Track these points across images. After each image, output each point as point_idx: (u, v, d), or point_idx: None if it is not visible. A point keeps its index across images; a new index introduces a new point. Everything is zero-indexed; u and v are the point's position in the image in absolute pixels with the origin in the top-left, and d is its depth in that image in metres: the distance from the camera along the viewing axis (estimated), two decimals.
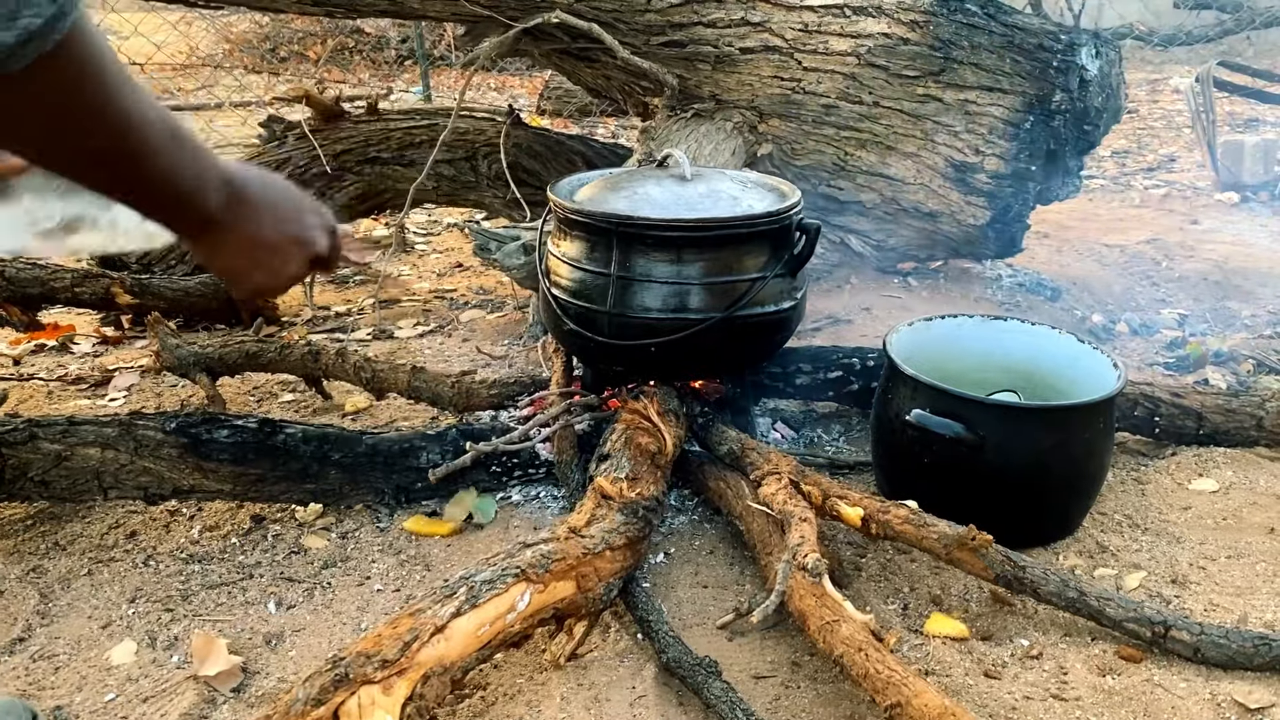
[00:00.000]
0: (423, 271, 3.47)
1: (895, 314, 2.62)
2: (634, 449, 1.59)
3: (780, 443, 2.00)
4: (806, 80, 2.55)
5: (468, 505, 1.74)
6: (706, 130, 2.53)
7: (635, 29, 2.42)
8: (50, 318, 2.70)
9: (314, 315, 2.90)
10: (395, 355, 2.50)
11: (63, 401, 2.31)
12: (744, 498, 1.60)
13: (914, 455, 1.60)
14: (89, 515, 1.77)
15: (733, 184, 1.83)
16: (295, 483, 1.71)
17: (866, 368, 2.00)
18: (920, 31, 2.53)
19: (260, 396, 2.29)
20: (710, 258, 1.69)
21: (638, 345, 1.72)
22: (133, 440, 1.66)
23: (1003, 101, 2.61)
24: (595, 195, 1.81)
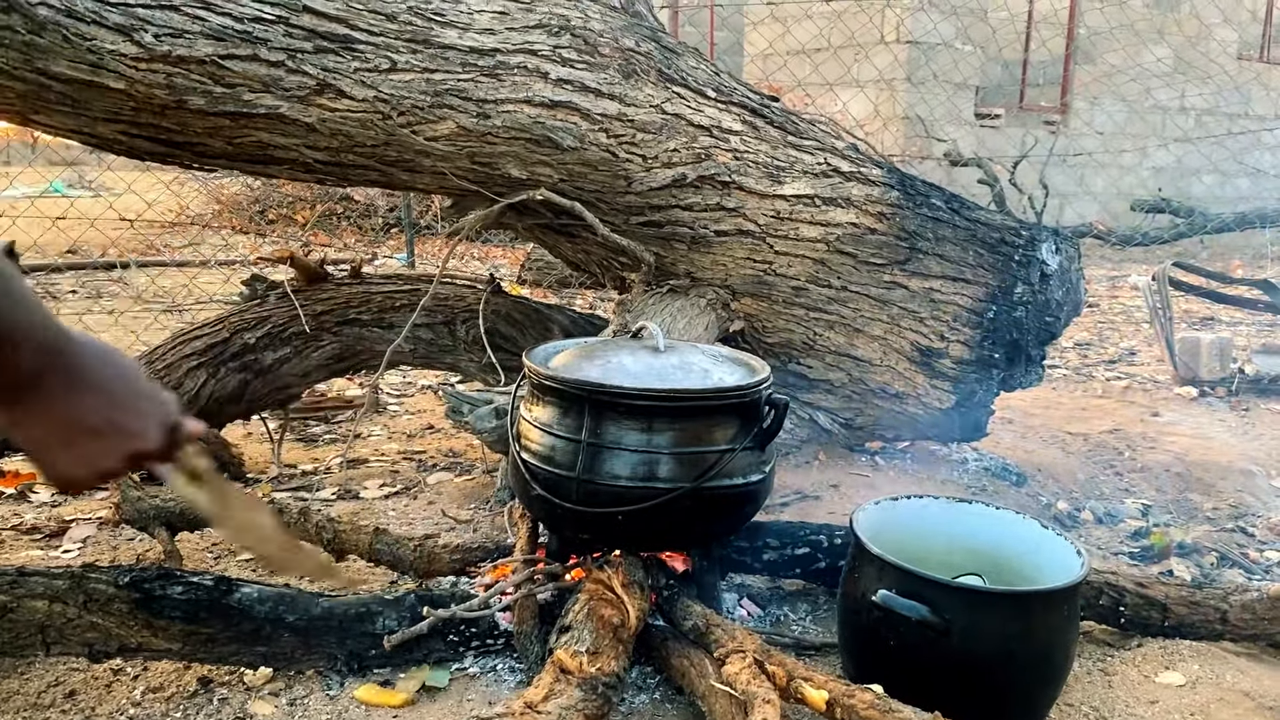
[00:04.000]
0: (393, 432, 3.47)
1: (863, 492, 2.63)
2: (596, 621, 1.56)
3: (746, 620, 1.98)
4: (778, 263, 2.64)
5: (422, 677, 1.69)
6: (681, 305, 2.59)
7: (616, 208, 2.51)
8: (11, 465, 2.66)
9: (280, 473, 2.87)
10: (359, 516, 2.47)
11: (14, 551, 2.25)
12: (707, 676, 1.56)
13: (880, 637, 1.58)
14: (27, 671, 1.70)
15: (704, 357, 1.88)
16: (247, 644, 1.66)
17: (834, 545, 2.00)
18: (887, 223, 2.65)
19: (218, 554, 2.24)
20: (680, 428, 1.71)
21: (605, 513, 1.71)
22: (83, 593, 1.61)
23: (966, 291, 2.70)
24: (570, 362, 1.84)
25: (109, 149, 2.19)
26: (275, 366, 2.88)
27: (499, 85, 2.25)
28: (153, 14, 1.97)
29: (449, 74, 2.20)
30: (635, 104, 2.42)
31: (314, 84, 2.08)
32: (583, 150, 2.37)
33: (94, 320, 4.98)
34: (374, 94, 2.13)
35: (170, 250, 7.47)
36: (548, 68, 2.30)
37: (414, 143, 2.22)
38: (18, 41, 1.90)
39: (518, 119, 2.28)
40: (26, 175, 9.99)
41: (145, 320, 5.00)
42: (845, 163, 2.69)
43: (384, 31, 2.14)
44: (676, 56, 2.56)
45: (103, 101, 2.00)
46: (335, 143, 2.17)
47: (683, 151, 2.49)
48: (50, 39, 1.91)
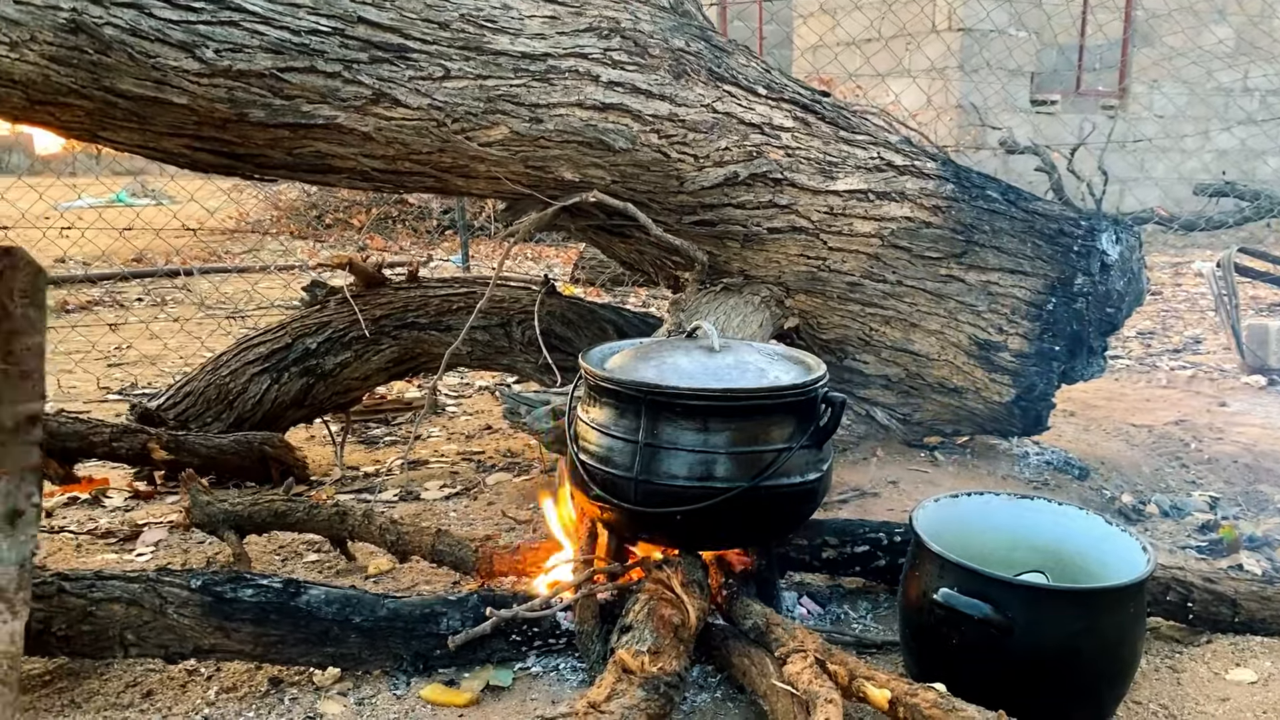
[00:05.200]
0: (452, 433, 3.51)
1: (922, 488, 2.61)
2: (657, 621, 1.58)
3: (806, 618, 1.97)
4: (832, 259, 2.63)
5: (486, 676, 1.72)
6: (735, 303, 2.60)
7: (668, 208, 2.52)
8: (85, 471, 2.74)
9: (343, 475, 2.93)
10: (421, 517, 2.51)
11: (90, 555, 2.32)
12: (769, 676, 1.57)
13: (942, 636, 1.58)
14: (107, 673, 1.76)
15: (760, 356, 1.88)
16: (315, 646, 1.69)
17: (894, 543, 1.99)
18: (942, 216, 2.62)
19: (285, 556, 2.29)
20: (736, 428, 1.71)
21: (663, 513, 1.72)
22: (158, 597, 1.66)
23: (1025, 283, 2.67)
24: (625, 363, 1.85)
25: (173, 162, 2.25)
26: (336, 370, 2.94)
27: (550, 89, 2.27)
28: (213, 30, 2.01)
29: (501, 80, 2.22)
30: (686, 104, 2.42)
31: (370, 94, 2.11)
32: (635, 151, 2.38)
33: (160, 327, 5.10)
34: (428, 102, 2.16)
35: (231, 257, 7.62)
36: (598, 70, 2.32)
37: (468, 149, 2.25)
38: (85, 61, 1.95)
39: (570, 122, 2.30)
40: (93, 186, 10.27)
41: (209, 326, 5.11)
42: (899, 156, 2.67)
43: (437, 40, 2.17)
44: (726, 55, 2.56)
45: (167, 117, 2.06)
46: (392, 151, 2.21)
47: (734, 150, 2.49)
48: (116, 57, 1.96)
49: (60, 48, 1.94)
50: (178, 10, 1.99)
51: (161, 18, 1.98)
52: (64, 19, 1.92)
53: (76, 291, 6.23)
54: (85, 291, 6.26)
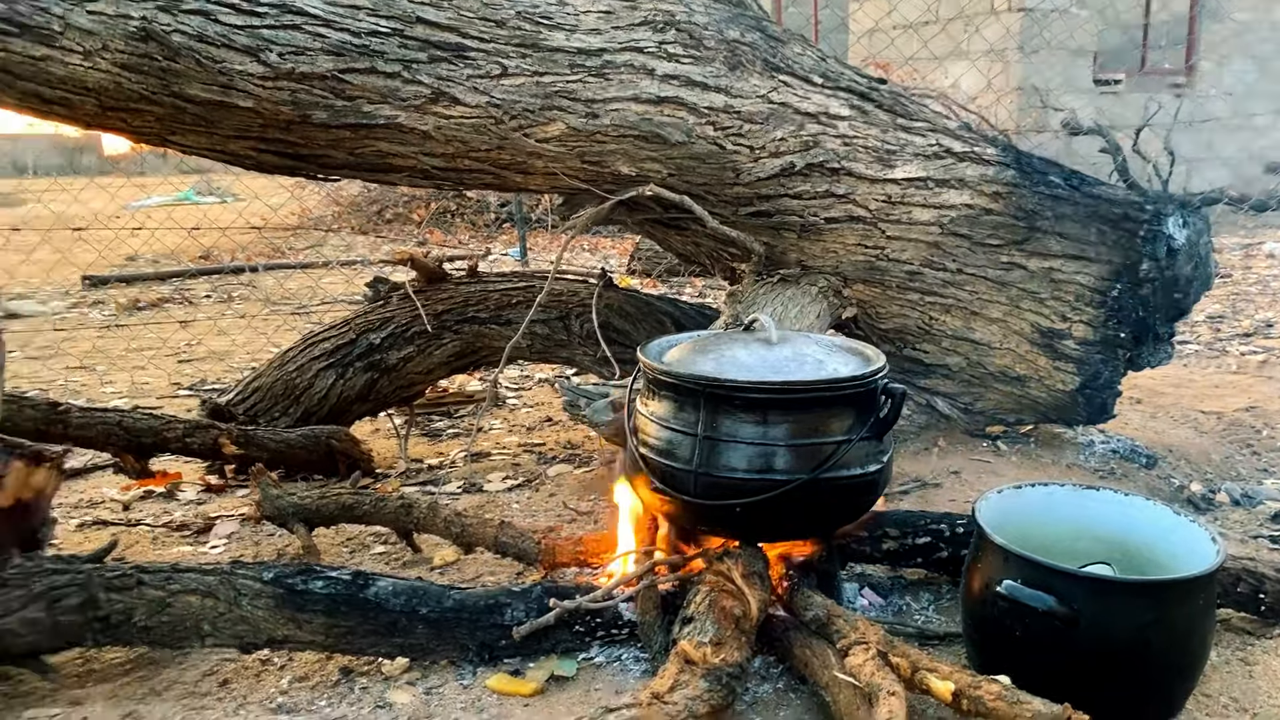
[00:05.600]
0: (513, 425, 3.55)
1: (985, 479, 2.58)
2: (718, 612, 1.59)
3: (868, 610, 1.97)
4: (890, 248, 2.61)
5: (550, 666, 1.75)
6: (792, 294, 2.59)
7: (724, 200, 2.52)
8: (159, 465, 2.82)
9: (407, 468, 2.98)
10: (484, 509, 2.55)
11: (166, 547, 2.39)
12: (831, 667, 1.57)
13: (1006, 628, 1.57)
14: (184, 662, 1.82)
15: (818, 348, 1.87)
16: (384, 636, 1.73)
17: (956, 534, 1.98)
18: (1003, 202, 2.59)
19: (353, 548, 2.34)
20: (796, 420, 1.71)
21: (723, 505, 1.73)
22: (232, 589, 1.71)
23: (1089, 270, 2.63)
24: (684, 357, 1.86)
25: (239, 164, 2.31)
26: (400, 365, 2.99)
27: (606, 84, 2.28)
28: (276, 33, 2.06)
29: (558, 76, 2.24)
30: (741, 95, 2.42)
31: (429, 93, 2.15)
32: (690, 144, 2.39)
33: (227, 323, 5.22)
34: (486, 100, 2.19)
35: (294, 253, 7.76)
36: (654, 64, 2.33)
37: (526, 145, 2.27)
38: (155, 68, 2.01)
39: (625, 116, 2.31)
40: (161, 185, 10.51)
41: (275, 322, 5.22)
42: (958, 143, 2.64)
43: (494, 38, 2.19)
44: (781, 45, 2.55)
45: (233, 120, 2.11)
46: (451, 149, 2.24)
47: (790, 140, 2.48)
48: (184, 63, 2.01)
49: (131, 55, 2.00)
50: (242, 15, 2.04)
51: (226, 23, 2.03)
52: (134, 27, 1.98)
53: (147, 289, 6.39)
54: (155, 289, 6.42)
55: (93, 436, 2.54)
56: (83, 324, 5.40)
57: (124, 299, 5.99)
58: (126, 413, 2.58)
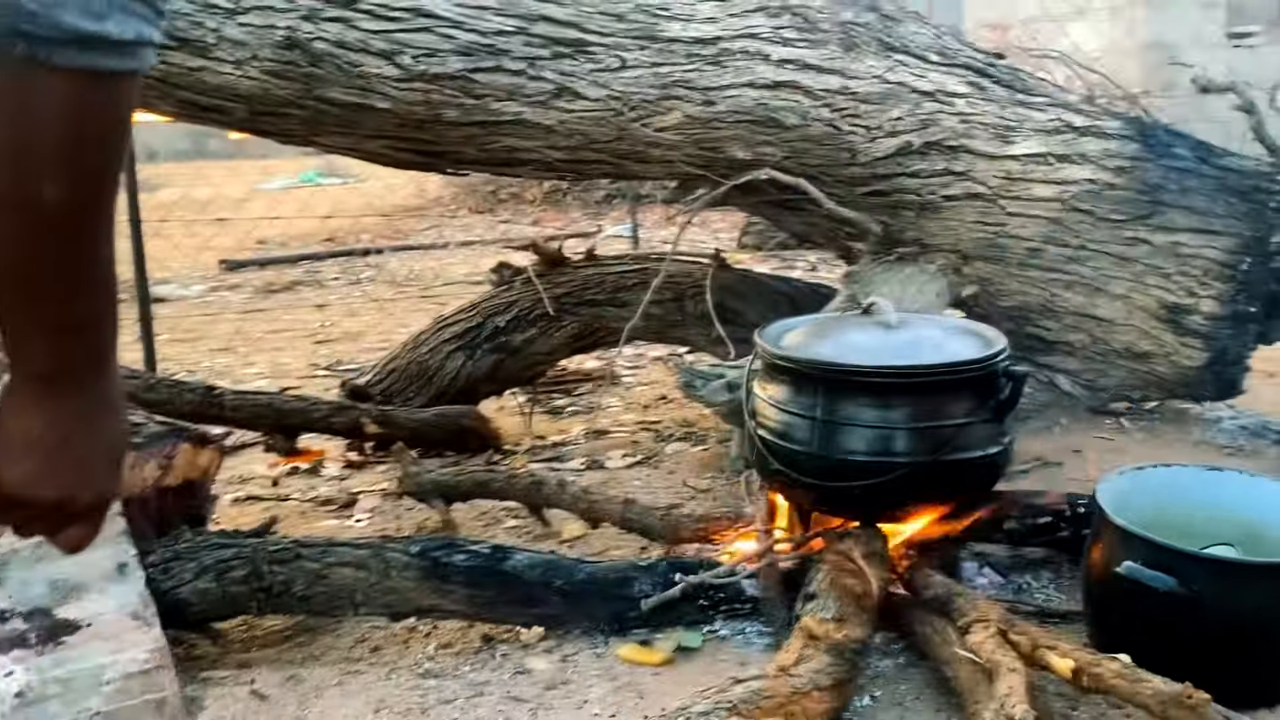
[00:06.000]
0: (630, 403, 3.65)
1: (1107, 457, 2.56)
2: (840, 590, 1.65)
3: (987, 588, 2.00)
4: (1010, 225, 2.60)
5: (677, 638, 1.83)
6: (910, 273, 2.61)
7: (840, 181, 2.55)
8: (303, 443, 3.01)
9: (532, 445, 3.10)
10: (607, 485, 2.65)
11: (314, 521, 2.56)
12: (951, 644, 1.61)
13: (1127, 608, 1.59)
14: (338, 629, 1.96)
15: (938, 330, 1.91)
16: (521, 606, 1.84)
17: (1077, 514, 1.99)
18: (1126, 177, 2.55)
19: (486, 522, 2.47)
20: (916, 403, 1.75)
21: (842, 487, 1.79)
22: (382, 561, 1.84)
23: (1216, 243, 2.57)
24: (801, 341, 1.92)
25: (378, 161, 2.44)
26: (524, 347, 3.11)
27: (722, 72, 2.33)
28: (410, 37, 2.17)
29: (675, 66, 2.30)
30: (857, 76, 2.44)
31: (552, 88, 2.23)
32: (806, 127, 2.42)
33: (358, 305, 5.45)
34: (606, 93, 2.26)
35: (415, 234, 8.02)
36: (769, 50, 2.36)
37: (644, 135, 2.34)
38: (299, 74, 2.14)
39: (741, 102, 2.36)
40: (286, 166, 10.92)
41: (403, 303, 5.43)
42: (1079, 117, 2.61)
43: (613, 32, 2.27)
44: (896, 23, 2.56)
45: (371, 121, 2.23)
46: (573, 142, 2.32)
47: (907, 119, 2.50)
48: (326, 69, 2.14)
49: (277, 63, 2.14)
50: (377, 20, 2.16)
51: (364, 29, 2.15)
52: (280, 36, 2.12)
53: (280, 273, 6.71)
54: (288, 272, 6.73)
55: (244, 418, 2.72)
56: (224, 307, 5.71)
57: (259, 282, 6.31)
58: (275, 395, 2.76)
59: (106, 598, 1.84)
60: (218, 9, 2.10)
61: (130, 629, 1.82)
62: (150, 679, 1.74)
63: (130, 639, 1.81)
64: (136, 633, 1.82)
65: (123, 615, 1.83)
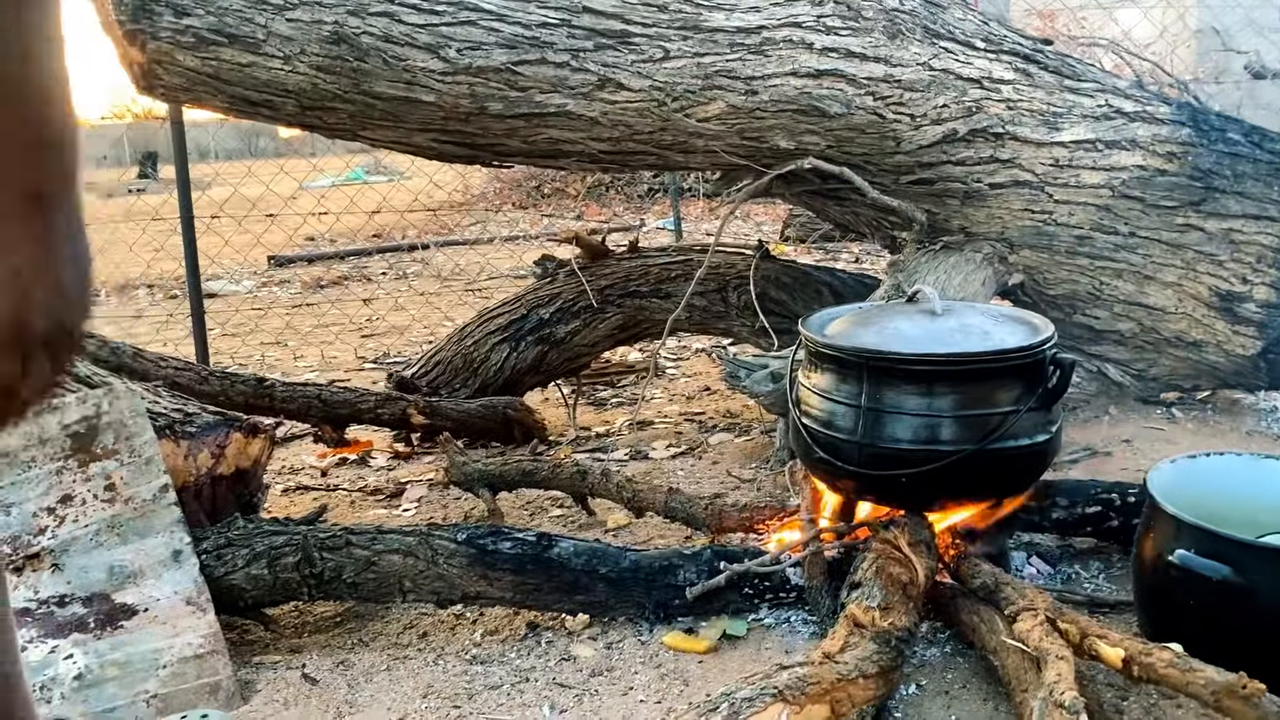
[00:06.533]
0: (673, 394, 3.65)
1: (1158, 447, 2.53)
2: (885, 578, 1.64)
3: (1036, 578, 1.98)
4: (1058, 213, 2.57)
5: (722, 626, 1.84)
6: (955, 262, 2.58)
7: (884, 169, 2.53)
8: (351, 434, 3.05)
9: (576, 436, 3.12)
10: (651, 475, 2.66)
11: (362, 510, 2.60)
12: (998, 633, 1.60)
13: (1178, 597, 1.56)
14: (387, 615, 1.99)
15: (984, 318, 1.89)
16: (566, 594, 1.86)
17: (1127, 504, 1.96)
18: (1178, 163, 2.51)
19: (532, 511, 2.49)
20: (962, 391, 1.74)
21: (887, 475, 1.78)
22: (429, 549, 1.87)
23: (1271, 229, 2.52)
24: (846, 330, 1.91)
25: (423, 155, 2.47)
26: (567, 339, 3.13)
27: (765, 61, 2.33)
28: (454, 30, 2.19)
29: (718, 56, 2.30)
30: (901, 64, 2.43)
31: (596, 80, 2.24)
32: (849, 115, 2.41)
33: (404, 299, 5.51)
34: (650, 83, 2.27)
35: (461, 229, 8.08)
36: (812, 38, 2.36)
37: (687, 125, 2.34)
38: (347, 69, 2.17)
39: (784, 91, 2.35)
40: (334, 164, 11.03)
41: (448, 297, 5.48)
42: (1129, 102, 2.57)
43: (656, 22, 2.27)
44: (941, 10, 2.54)
45: (417, 114, 2.26)
46: (616, 133, 2.33)
47: (952, 106, 2.47)
48: (373, 63, 2.17)
49: (325, 57, 2.17)
50: (422, 14, 2.18)
51: (409, 23, 2.17)
52: (328, 31, 2.14)
53: (328, 268, 6.80)
54: (335, 268, 6.82)
55: (294, 409, 2.77)
56: (273, 302, 5.80)
57: (307, 277, 6.39)
58: (324, 387, 2.80)
59: (162, 583, 1.89)
60: (268, 5, 2.14)
61: (185, 614, 1.87)
62: (205, 663, 1.79)
63: (185, 624, 1.85)
64: (191, 618, 1.86)
65: (178, 601, 1.87)
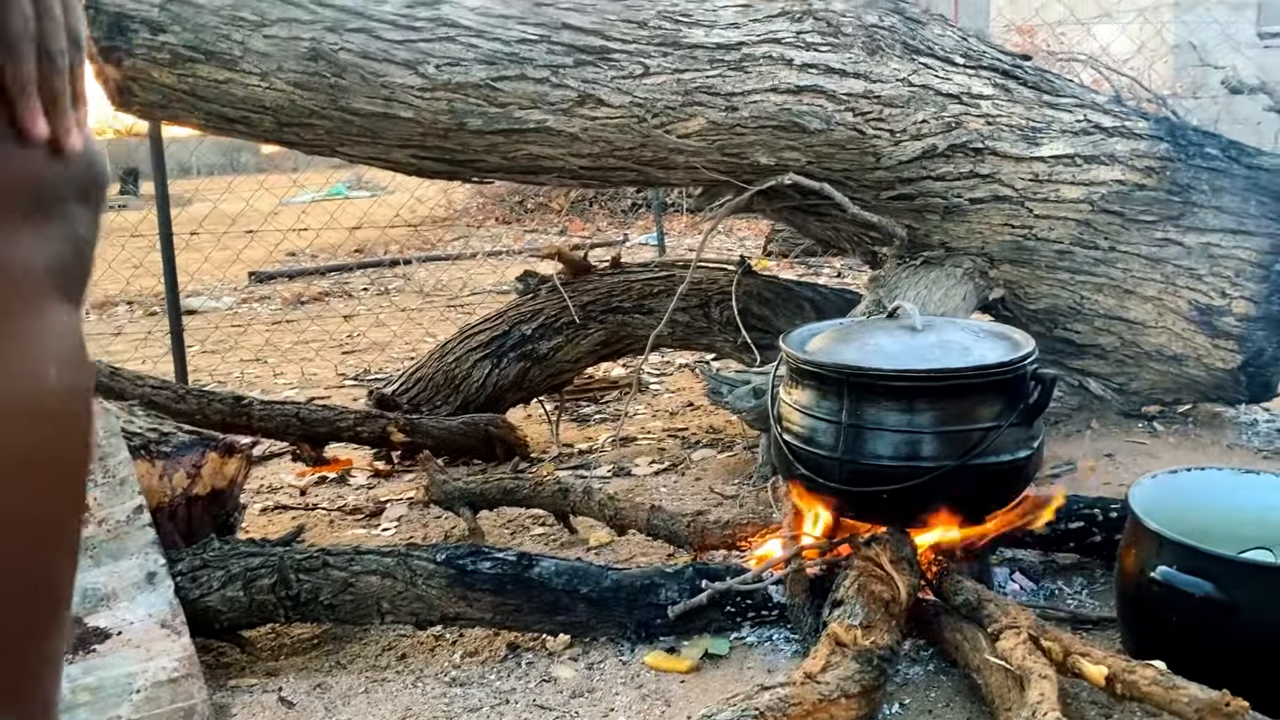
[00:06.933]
0: (656, 410, 3.64)
1: (1140, 461, 2.53)
2: (867, 596, 1.63)
3: (1019, 594, 1.98)
4: (1038, 227, 2.58)
5: (704, 645, 1.82)
6: (936, 277, 2.59)
7: (865, 185, 2.54)
8: (330, 452, 3.02)
9: (559, 452, 3.10)
10: (634, 492, 2.64)
11: (342, 530, 2.57)
12: (981, 651, 1.59)
13: (1161, 614, 1.56)
14: (365, 637, 1.97)
15: (964, 334, 1.88)
16: (547, 614, 1.84)
17: (1109, 519, 1.96)
18: (1156, 177, 2.52)
19: (514, 529, 2.47)
20: (943, 407, 1.73)
21: (869, 492, 1.77)
22: (408, 570, 1.85)
23: (1249, 244, 2.53)
24: (826, 346, 1.90)
25: (402, 171, 2.45)
26: (550, 355, 3.11)
27: (745, 77, 2.33)
28: (433, 46, 2.18)
29: (698, 72, 2.30)
30: (881, 80, 2.43)
31: (576, 96, 2.24)
32: (829, 131, 2.41)
33: (386, 315, 5.48)
34: (630, 100, 2.26)
35: (443, 244, 8.06)
36: (792, 54, 2.36)
37: (668, 141, 2.34)
38: (324, 85, 2.16)
39: (764, 108, 2.35)
40: (315, 180, 11.00)
41: (430, 313, 5.45)
42: (1107, 117, 2.58)
43: (636, 39, 2.27)
44: (921, 26, 2.54)
45: (395, 130, 2.24)
46: (597, 149, 2.32)
47: (932, 122, 2.48)
48: (350, 79, 2.16)
49: (302, 74, 2.16)
50: (401, 31, 2.17)
51: (387, 39, 2.16)
52: (305, 48, 2.13)
53: (309, 284, 6.76)
54: (317, 284, 6.78)
55: (273, 427, 2.74)
56: (253, 318, 5.76)
57: (288, 293, 6.35)
58: (302, 405, 2.78)
59: (136, 606, 1.86)
60: (244, 22, 2.12)
61: (159, 637, 1.84)
62: (179, 687, 1.76)
63: (159, 647, 1.82)
64: (165, 641, 1.83)
65: (152, 624, 1.84)
